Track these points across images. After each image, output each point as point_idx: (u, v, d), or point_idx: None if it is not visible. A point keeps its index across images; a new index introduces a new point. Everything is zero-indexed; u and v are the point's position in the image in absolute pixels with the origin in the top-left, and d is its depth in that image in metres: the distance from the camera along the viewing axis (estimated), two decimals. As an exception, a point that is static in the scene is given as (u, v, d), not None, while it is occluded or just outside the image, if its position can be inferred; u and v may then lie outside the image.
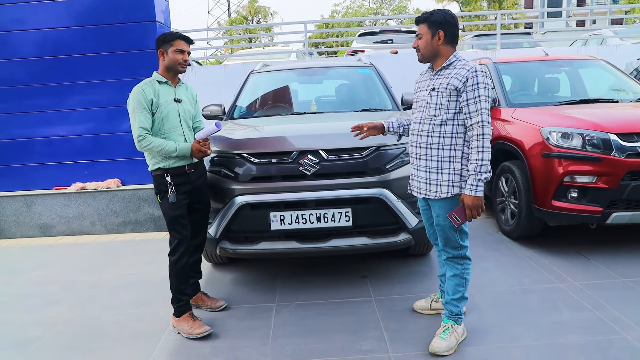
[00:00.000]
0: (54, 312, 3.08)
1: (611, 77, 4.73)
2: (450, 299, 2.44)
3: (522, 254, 3.64)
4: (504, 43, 8.45)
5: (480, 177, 2.19)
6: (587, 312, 2.69)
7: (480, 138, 2.19)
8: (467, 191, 2.22)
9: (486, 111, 2.21)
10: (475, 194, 2.20)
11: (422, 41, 2.34)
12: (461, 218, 2.25)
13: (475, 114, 2.20)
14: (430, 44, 2.32)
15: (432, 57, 2.36)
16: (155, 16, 4.77)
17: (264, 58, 9.30)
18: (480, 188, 2.20)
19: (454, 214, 2.25)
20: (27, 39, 4.87)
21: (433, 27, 2.30)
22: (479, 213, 2.23)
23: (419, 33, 2.35)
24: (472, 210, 2.22)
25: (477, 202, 2.21)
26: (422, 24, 2.34)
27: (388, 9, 38.50)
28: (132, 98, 2.57)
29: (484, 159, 2.19)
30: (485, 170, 2.19)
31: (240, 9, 40.54)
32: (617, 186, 3.24)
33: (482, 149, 2.19)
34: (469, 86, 2.22)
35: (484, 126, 2.19)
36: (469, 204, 2.22)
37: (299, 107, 4.20)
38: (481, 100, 2.20)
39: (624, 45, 7.79)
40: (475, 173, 2.19)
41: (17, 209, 4.92)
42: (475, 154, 2.20)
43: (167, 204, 2.63)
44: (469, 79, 2.22)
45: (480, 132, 2.19)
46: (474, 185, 2.20)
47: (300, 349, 2.47)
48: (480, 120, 2.19)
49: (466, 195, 2.22)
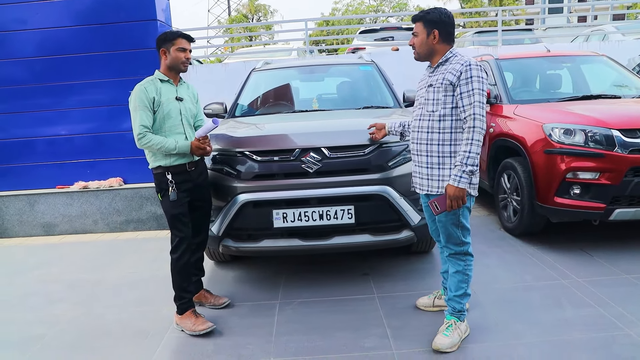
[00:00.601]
0: (58, 311, 3.09)
1: (613, 73, 4.71)
2: (453, 295, 2.44)
3: (525, 251, 3.63)
4: (505, 39, 8.43)
5: (465, 169, 2.18)
6: (591, 308, 2.69)
7: (471, 130, 2.19)
8: (451, 181, 2.22)
9: (479, 104, 2.20)
10: (458, 184, 2.20)
11: (418, 40, 2.36)
12: (441, 207, 2.26)
13: (469, 107, 2.21)
14: (425, 43, 2.34)
15: (428, 55, 2.37)
16: (156, 15, 4.76)
17: (264, 56, 9.29)
18: (464, 180, 2.20)
19: (435, 202, 2.27)
20: (28, 38, 4.88)
21: (428, 26, 2.32)
22: (459, 205, 2.23)
23: (415, 31, 2.37)
24: (452, 200, 2.22)
25: (459, 193, 2.21)
26: (418, 23, 2.36)
27: (388, 6, 38.41)
28: (134, 96, 2.58)
29: (472, 151, 2.18)
30: (472, 163, 2.18)
31: (240, 7, 40.50)
32: (620, 182, 3.23)
33: (470, 141, 2.18)
34: (462, 80, 2.22)
35: (476, 119, 2.19)
36: (451, 194, 2.22)
37: (300, 104, 4.19)
38: (474, 93, 2.20)
39: (626, 41, 7.75)
40: (460, 164, 2.19)
41: (20, 208, 4.93)
42: (464, 146, 2.20)
43: (168, 202, 2.63)
44: (462, 72, 2.23)
45: (471, 124, 2.19)
46: (457, 175, 2.20)
47: (303, 346, 2.48)
48: (472, 113, 2.19)
49: (449, 185, 2.23)
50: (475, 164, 2.20)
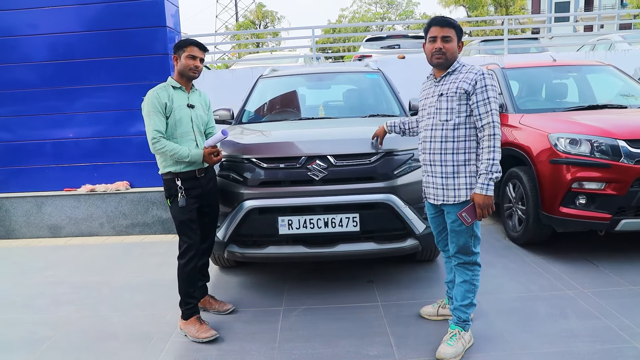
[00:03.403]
0: (64, 313, 3.12)
1: (620, 83, 4.70)
2: (459, 305, 2.44)
3: (530, 261, 3.62)
4: (511, 48, 8.44)
5: (491, 177, 2.21)
6: (596, 320, 2.68)
7: (492, 138, 2.23)
8: (478, 190, 2.24)
9: (495, 112, 2.25)
10: (487, 193, 2.22)
11: (451, 45, 2.32)
12: (471, 217, 2.26)
13: (486, 115, 2.24)
14: (455, 50, 2.34)
15: (451, 62, 2.36)
16: (165, 21, 4.82)
17: (271, 62, 9.35)
18: (491, 187, 2.22)
19: (464, 213, 2.26)
20: (39, 43, 4.94)
21: (459, 34, 2.35)
22: (489, 212, 2.25)
23: (448, 36, 2.31)
24: (482, 209, 2.24)
25: (488, 200, 2.23)
26: (451, 29, 2.32)
27: (395, 14, 38.55)
28: (147, 102, 2.62)
29: (495, 159, 2.22)
30: (496, 170, 2.22)
31: (247, 14, 40.79)
32: (626, 193, 3.23)
33: (493, 149, 2.22)
34: (478, 88, 2.26)
35: (495, 126, 2.23)
36: (480, 202, 2.23)
37: (306, 112, 4.22)
38: (490, 101, 2.25)
39: (633, 50, 7.74)
40: (486, 172, 2.22)
41: (28, 210, 4.98)
42: (487, 154, 2.23)
43: (177, 208, 2.66)
44: (477, 81, 2.26)
45: (491, 132, 2.23)
46: (485, 184, 2.22)
47: (307, 354, 2.48)
48: (491, 121, 2.23)
49: (477, 194, 2.24)
50: (499, 170, 2.24)
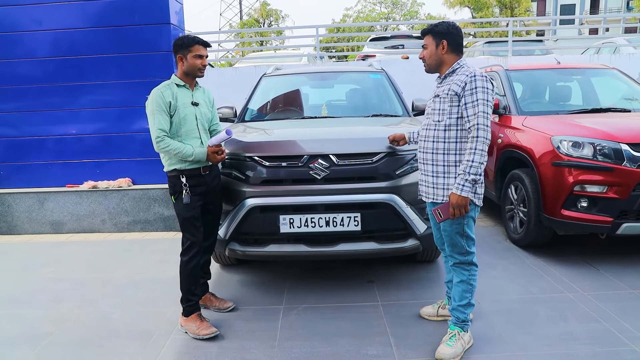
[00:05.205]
0: (65, 309, 3.13)
1: (624, 86, 4.69)
2: (457, 305, 2.45)
3: (531, 263, 3.62)
4: (515, 50, 8.43)
5: (467, 178, 2.22)
6: (596, 323, 2.68)
7: (474, 140, 2.23)
8: (454, 189, 2.26)
9: (483, 114, 2.23)
10: (461, 193, 2.23)
11: (427, 51, 2.43)
12: (444, 214, 2.31)
13: (473, 117, 2.24)
14: (435, 54, 2.40)
15: (437, 66, 2.42)
16: (169, 19, 4.83)
17: (275, 61, 9.36)
18: (467, 188, 2.23)
19: (438, 210, 2.33)
20: (42, 39, 4.95)
21: (437, 37, 2.38)
22: (462, 213, 2.26)
23: (425, 44, 2.44)
24: (455, 209, 2.26)
25: (462, 201, 2.24)
26: (427, 36, 2.43)
27: (399, 14, 38.50)
28: (151, 100, 2.62)
29: (475, 161, 2.21)
30: (475, 172, 2.22)
31: (252, 12, 40.81)
32: (628, 197, 3.22)
33: (474, 151, 2.22)
34: (467, 90, 2.27)
35: (479, 129, 2.22)
36: (453, 202, 2.25)
37: (309, 111, 4.22)
38: (479, 103, 2.23)
39: (638, 54, 7.72)
40: (463, 173, 2.23)
41: (30, 206, 5.00)
42: (468, 155, 2.24)
43: (181, 205, 2.67)
44: (467, 83, 2.27)
45: (475, 134, 2.23)
46: (460, 184, 2.23)
47: (306, 352, 2.49)
48: (477, 123, 2.23)
49: (452, 194, 2.26)
50: (479, 173, 2.23)
